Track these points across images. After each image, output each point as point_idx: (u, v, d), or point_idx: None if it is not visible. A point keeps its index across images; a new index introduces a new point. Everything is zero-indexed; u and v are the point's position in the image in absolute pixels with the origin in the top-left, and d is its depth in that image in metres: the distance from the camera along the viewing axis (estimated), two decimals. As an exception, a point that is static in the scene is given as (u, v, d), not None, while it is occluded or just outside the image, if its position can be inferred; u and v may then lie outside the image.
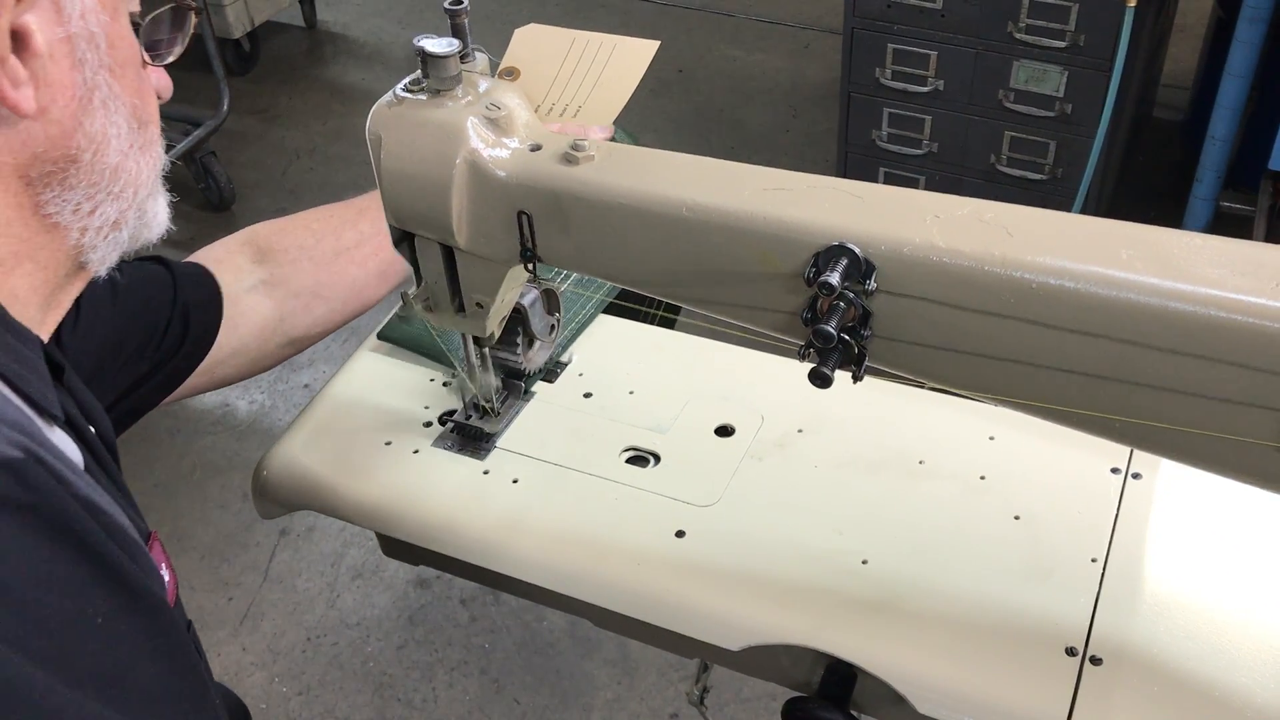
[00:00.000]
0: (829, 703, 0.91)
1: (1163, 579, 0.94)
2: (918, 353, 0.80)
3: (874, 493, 1.03)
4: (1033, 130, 2.61)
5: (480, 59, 0.93)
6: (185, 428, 2.63)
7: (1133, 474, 1.03)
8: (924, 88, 2.67)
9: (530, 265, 0.92)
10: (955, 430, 1.08)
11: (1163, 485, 1.02)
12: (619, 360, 1.20)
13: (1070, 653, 0.88)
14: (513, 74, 1.12)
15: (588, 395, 1.16)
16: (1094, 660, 0.88)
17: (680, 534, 1.00)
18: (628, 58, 1.12)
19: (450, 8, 0.90)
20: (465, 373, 1.10)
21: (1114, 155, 2.70)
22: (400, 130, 0.89)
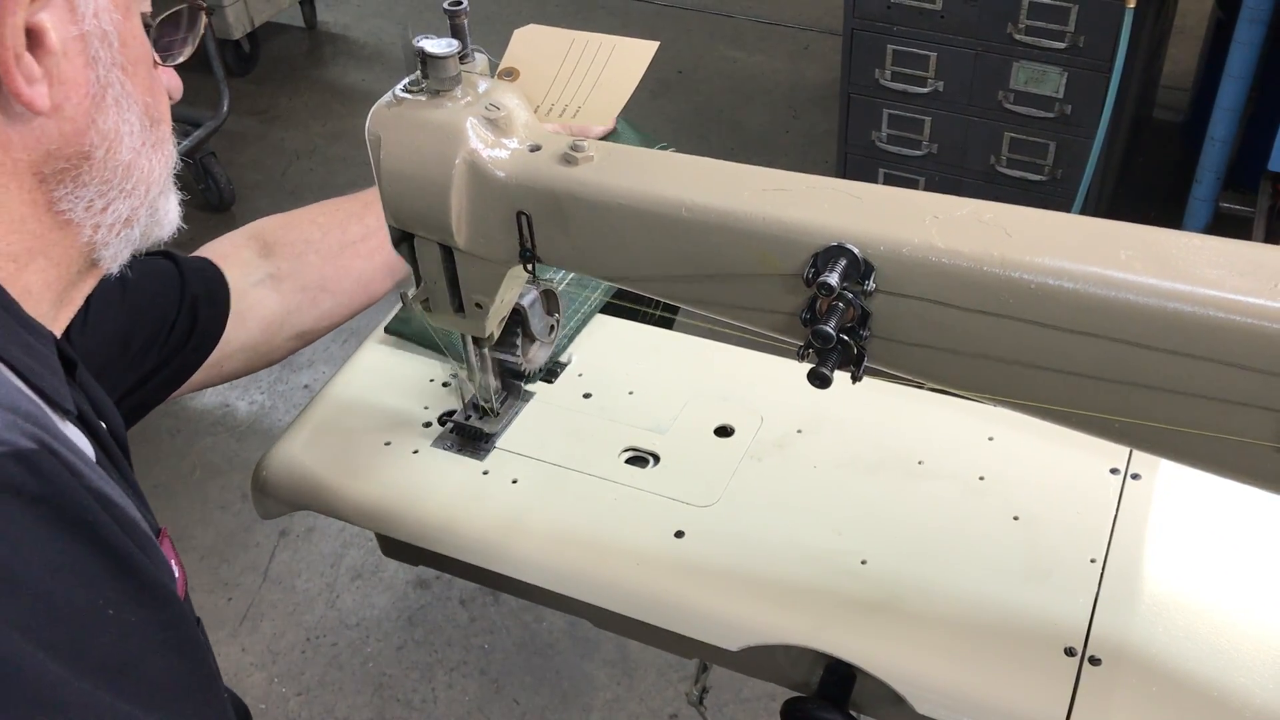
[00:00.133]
0: (828, 703, 0.91)
1: (1162, 579, 0.94)
2: (917, 353, 0.80)
3: (873, 493, 1.03)
4: (1032, 131, 2.61)
5: (480, 59, 0.94)
6: (185, 428, 2.63)
7: (1132, 474, 1.03)
8: (924, 89, 2.67)
9: (529, 266, 0.92)
10: (954, 431, 1.08)
11: (1162, 486, 1.02)
12: (618, 361, 1.20)
13: (1069, 653, 0.88)
14: (512, 74, 1.13)
15: (587, 396, 1.16)
16: (1093, 660, 0.88)
17: (679, 534, 1.00)
18: (627, 58, 1.12)
19: (450, 8, 0.90)
20: (467, 372, 1.10)
21: (1113, 156, 2.70)
22: (400, 131, 0.89)
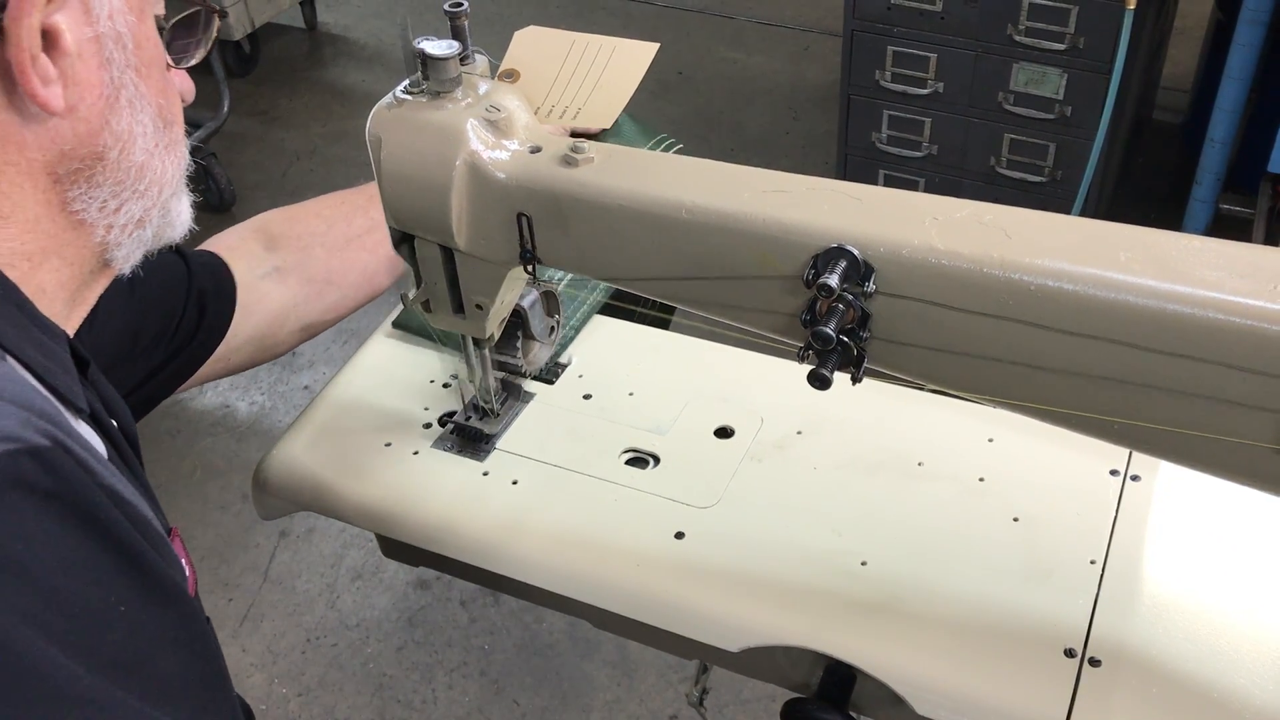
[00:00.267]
0: (828, 704, 0.91)
1: (1161, 581, 0.94)
2: (917, 354, 0.80)
3: (873, 494, 1.03)
4: (1032, 132, 2.61)
5: (480, 61, 0.94)
6: (185, 429, 2.63)
7: (1131, 476, 1.03)
8: (924, 90, 2.67)
9: (530, 267, 0.92)
10: (954, 432, 1.09)
11: (1161, 487, 1.02)
12: (618, 362, 1.20)
13: (1069, 654, 0.89)
14: (512, 76, 1.13)
15: (587, 397, 1.16)
16: (1093, 662, 0.88)
17: (680, 535, 1.00)
18: (627, 60, 1.12)
19: (450, 10, 0.90)
20: (467, 372, 1.10)
21: (1113, 158, 2.70)
22: (400, 132, 0.89)
